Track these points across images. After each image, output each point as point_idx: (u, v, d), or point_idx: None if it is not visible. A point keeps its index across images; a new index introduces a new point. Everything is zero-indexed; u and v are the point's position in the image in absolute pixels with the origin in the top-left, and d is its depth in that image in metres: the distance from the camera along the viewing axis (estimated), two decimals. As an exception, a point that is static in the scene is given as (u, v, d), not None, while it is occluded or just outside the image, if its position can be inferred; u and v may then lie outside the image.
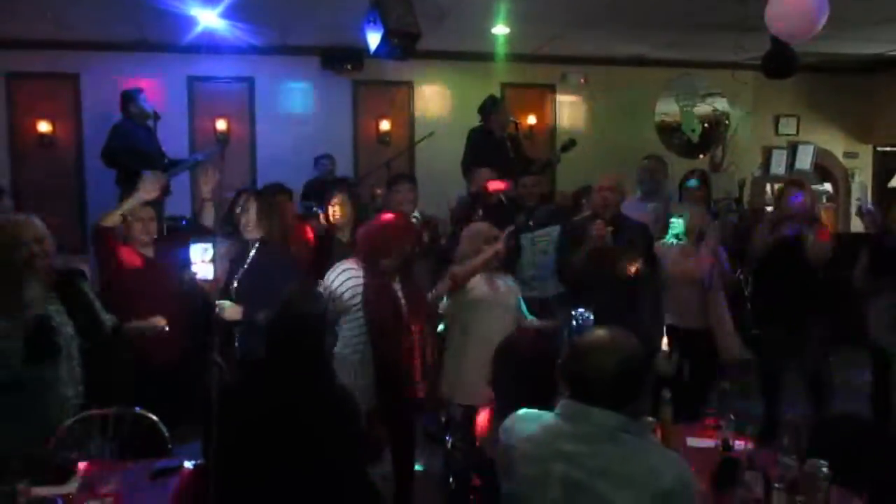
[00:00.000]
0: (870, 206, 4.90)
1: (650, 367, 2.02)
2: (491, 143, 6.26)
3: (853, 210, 8.29)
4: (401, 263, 3.58)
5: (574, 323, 3.43)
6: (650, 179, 5.37)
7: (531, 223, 4.97)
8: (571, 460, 1.91)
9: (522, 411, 2.13)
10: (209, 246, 3.45)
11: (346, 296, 3.53)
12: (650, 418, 2.85)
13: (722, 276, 4.55)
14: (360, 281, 3.54)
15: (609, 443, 1.90)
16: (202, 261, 3.48)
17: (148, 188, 3.94)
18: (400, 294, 3.56)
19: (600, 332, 2.03)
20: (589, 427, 1.93)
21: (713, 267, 4.45)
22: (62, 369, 3.00)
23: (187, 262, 3.45)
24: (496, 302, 3.80)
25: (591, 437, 1.92)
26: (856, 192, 8.92)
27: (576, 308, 3.48)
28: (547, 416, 2.04)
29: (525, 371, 2.54)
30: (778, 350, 4.70)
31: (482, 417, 2.74)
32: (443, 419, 3.92)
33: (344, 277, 3.56)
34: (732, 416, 2.97)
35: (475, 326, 3.72)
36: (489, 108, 6.50)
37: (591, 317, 3.41)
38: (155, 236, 4.08)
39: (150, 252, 4.01)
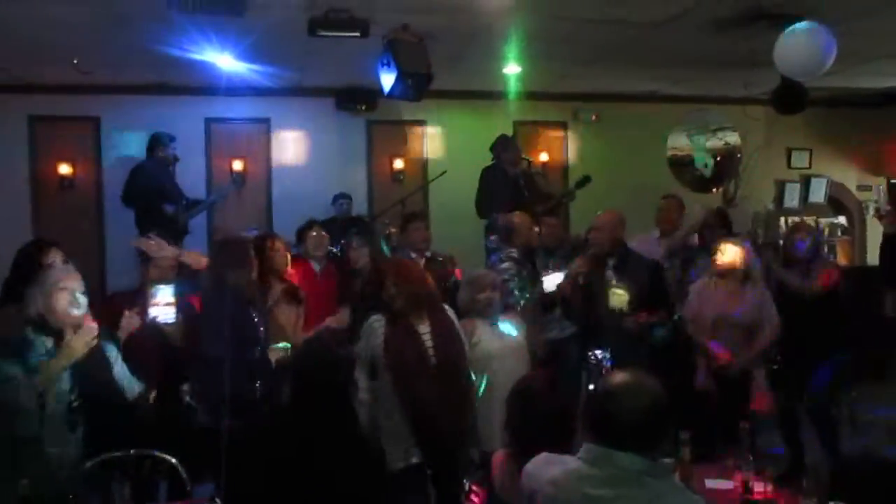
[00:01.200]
0: (887, 206, 4.89)
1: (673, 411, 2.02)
2: (504, 180, 6.32)
3: (871, 213, 8.28)
4: (412, 305, 3.53)
5: (589, 364, 3.41)
6: (664, 219, 5.43)
7: (550, 265, 5.01)
8: None
9: (543, 455, 2.13)
10: (170, 288, 3.45)
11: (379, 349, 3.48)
12: (668, 459, 2.83)
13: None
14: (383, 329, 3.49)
15: (633, 486, 1.90)
16: (164, 303, 3.46)
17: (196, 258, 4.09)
18: (428, 337, 3.50)
19: (626, 376, 2.03)
20: (613, 470, 1.92)
21: (760, 308, 4.35)
22: (47, 427, 2.94)
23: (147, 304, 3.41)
24: (505, 353, 3.83)
25: (615, 481, 1.92)
26: (870, 222, 8.88)
27: (592, 349, 3.47)
28: (569, 460, 2.04)
29: (539, 414, 2.55)
30: (793, 387, 4.65)
31: (497, 461, 2.74)
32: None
33: (371, 331, 3.52)
34: (752, 457, 2.94)
35: (488, 376, 3.73)
36: (501, 146, 6.58)
37: (608, 356, 3.39)
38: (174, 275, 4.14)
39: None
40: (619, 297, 4.25)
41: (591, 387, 2.88)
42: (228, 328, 3.46)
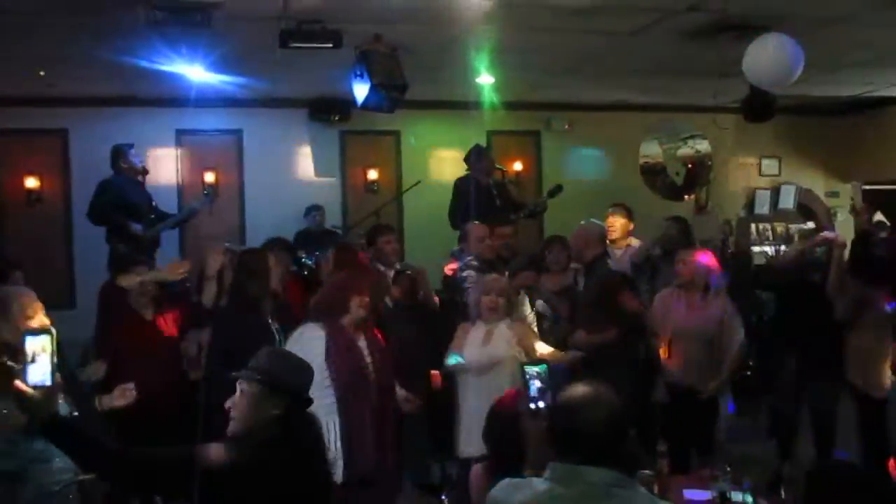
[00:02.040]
0: (862, 204, 4.94)
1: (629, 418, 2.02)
2: (477, 190, 6.32)
3: (847, 211, 8.40)
4: (363, 319, 3.51)
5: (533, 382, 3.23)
6: (663, 241, 5.44)
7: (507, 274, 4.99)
8: None
9: (507, 480, 2.11)
10: (45, 338, 2.29)
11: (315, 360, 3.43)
12: (647, 471, 2.83)
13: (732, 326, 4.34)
14: (323, 342, 3.40)
15: (604, 500, 1.89)
16: (37, 356, 2.29)
17: (172, 271, 4.10)
18: (366, 351, 3.47)
19: (581, 389, 2.02)
20: (583, 487, 1.91)
21: (721, 321, 4.27)
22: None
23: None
24: (490, 362, 3.82)
25: (586, 497, 1.90)
26: (839, 227, 9.02)
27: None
28: (536, 482, 2.02)
29: (507, 430, 2.54)
30: (793, 392, 4.68)
31: (475, 473, 2.72)
32: (438, 473, 3.89)
33: (307, 341, 3.42)
34: (728, 467, 2.95)
35: (473, 382, 3.73)
36: (474, 156, 6.59)
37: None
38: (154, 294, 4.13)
39: (149, 313, 4.09)
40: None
41: (532, 406, 2.78)
42: (247, 341, 3.36)
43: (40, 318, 2.95)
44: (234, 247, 4.72)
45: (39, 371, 2.29)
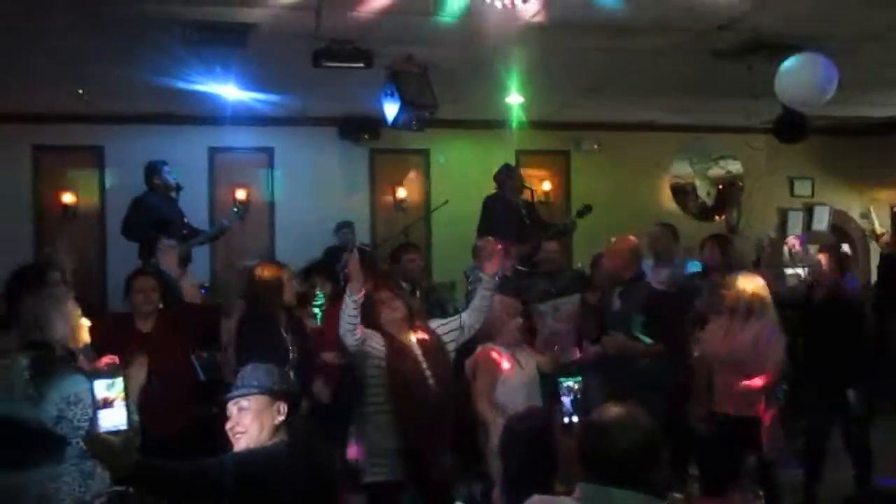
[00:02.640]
0: (881, 228, 4.85)
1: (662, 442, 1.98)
2: (506, 209, 6.33)
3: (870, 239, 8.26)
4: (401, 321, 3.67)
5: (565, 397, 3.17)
6: (654, 247, 5.40)
7: (554, 290, 4.97)
8: None
9: (537, 498, 2.08)
10: (117, 381, 2.16)
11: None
12: (677, 494, 2.78)
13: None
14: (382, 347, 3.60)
15: None
16: (108, 401, 2.15)
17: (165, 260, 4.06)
18: (419, 353, 3.60)
19: (617, 410, 1.99)
20: None
21: (756, 343, 4.05)
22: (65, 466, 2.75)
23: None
24: (520, 382, 3.81)
25: None
26: (873, 250, 8.86)
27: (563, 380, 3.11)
28: (566, 501, 2.00)
29: (526, 449, 2.51)
30: (824, 415, 4.60)
31: (496, 495, 2.70)
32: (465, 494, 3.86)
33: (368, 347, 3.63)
34: (761, 493, 2.90)
35: (500, 402, 3.70)
36: (504, 175, 6.60)
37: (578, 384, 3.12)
38: (159, 305, 4.12)
39: (149, 325, 4.05)
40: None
41: (566, 420, 2.77)
42: (259, 352, 3.42)
43: (81, 327, 2.94)
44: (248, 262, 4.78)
45: (113, 416, 2.14)
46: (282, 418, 2.42)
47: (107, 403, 2.12)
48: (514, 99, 6.70)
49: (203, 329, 4.37)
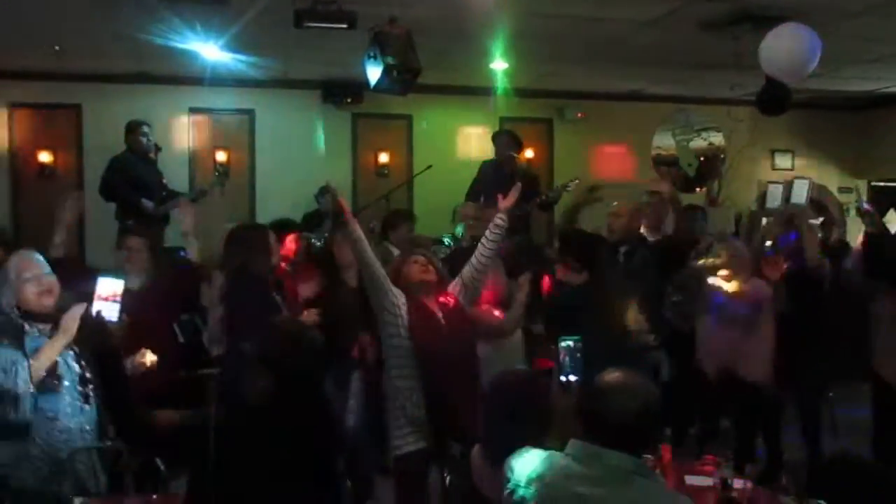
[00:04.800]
0: (867, 205, 4.87)
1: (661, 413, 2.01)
2: (498, 174, 6.34)
3: (851, 214, 8.35)
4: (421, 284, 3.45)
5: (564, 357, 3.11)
6: (653, 217, 5.43)
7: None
8: (585, 503, 1.90)
9: (526, 450, 2.12)
10: (119, 282, 2.98)
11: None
12: (648, 456, 2.83)
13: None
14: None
15: (622, 485, 1.90)
16: (109, 298, 2.99)
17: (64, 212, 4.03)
18: (440, 314, 3.40)
19: (619, 375, 2.02)
20: (602, 469, 1.92)
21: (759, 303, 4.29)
22: (64, 402, 2.87)
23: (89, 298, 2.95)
24: (499, 359, 3.75)
25: (604, 480, 1.91)
26: (851, 224, 8.97)
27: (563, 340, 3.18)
28: (556, 457, 2.03)
29: (515, 410, 2.54)
30: (779, 385, 4.68)
31: (476, 452, 2.73)
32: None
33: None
34: (732, 455, 2.96)
35: (487, 360, 3.70)
36: (494, 141, 6.61)
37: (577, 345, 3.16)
38: (146, 265, 4.11)
39: (137, 283, 3.99)
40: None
41: (563, 379, 2.83)
42: (255, 316, 3.46)
43: (38, 275, 2.94)
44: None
45: (109, 309, 2.83)
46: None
47: (106, 298, 2.82)
48: (499, 66, 6.66)
49: (185, 292, 4.37)
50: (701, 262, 4.49)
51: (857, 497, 2.28)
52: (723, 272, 4.39)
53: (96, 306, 2.87)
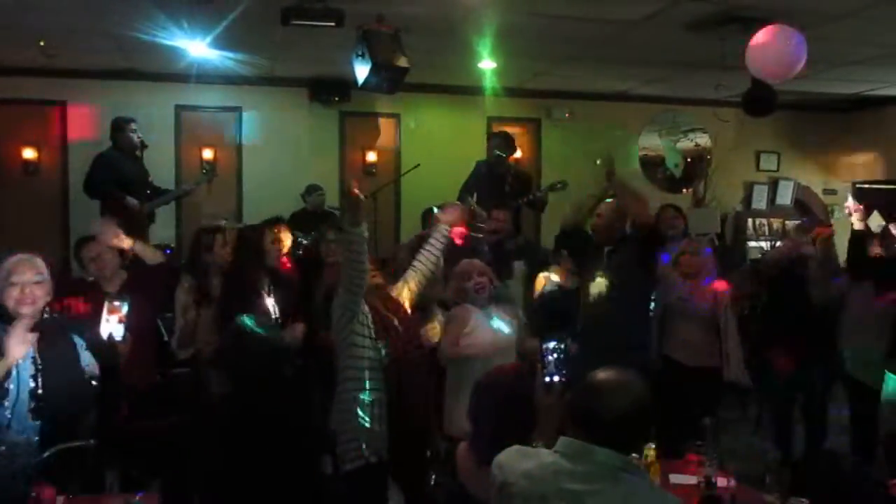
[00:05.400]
0: (855, 204, 4.93)
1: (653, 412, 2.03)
2: (490, 174, 6.36)
3: (837, 214, 8.43)
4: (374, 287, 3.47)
5: (549, 357, 3.14)
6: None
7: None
8: (574, 499, 1.90)
9: (515, 447, 2.12)
10: (125, 304, 3.19)
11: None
12: (635, 455, 2.84)
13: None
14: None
15: (610, 482, 1.90)
16: (116, 319, 3.20)
17: (105, 238, 3.91)
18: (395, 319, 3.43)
19: (612, 373, 2.02)
20: (591, 466, 1.92)
21: (723, 299, 4.47)
22: (12, 415, 2.84)
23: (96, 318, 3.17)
24: (494, 349, 3.75)
25: (592, 477, 1.91)
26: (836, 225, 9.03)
27: (548, 340, 3.24)
28: (544, 454, 2.03)
29: (503, 407, 2.54)
30: (789, 384, 4.74)
31: (462, 451, 2.73)
32: (427, 454, 3.89)
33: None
34: (715, 454, 2.97)
35: (472, 364, 3.70)
36: (489, 141, 6.64)
37: (564, 346, 3.20)
38: (118, 265, 4.05)
39: (114, 285, 3.96)
40: (597, 284, 4.22)
41: (547, 379, 2.84)
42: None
43: (25, 282, 2.92)
44: (230, 224, 4.75)
45: (115, 328, 3.13)
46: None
47: (113, 315, 3.13)
48: (487, 65, 6.67)
49: (166, 290, 4.33)
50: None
51: (839, 494, 2.31)
52: (685, 270, 4.55)
53: (105, 328, 3.20)
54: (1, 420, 2.81)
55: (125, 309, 3.19)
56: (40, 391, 2.90)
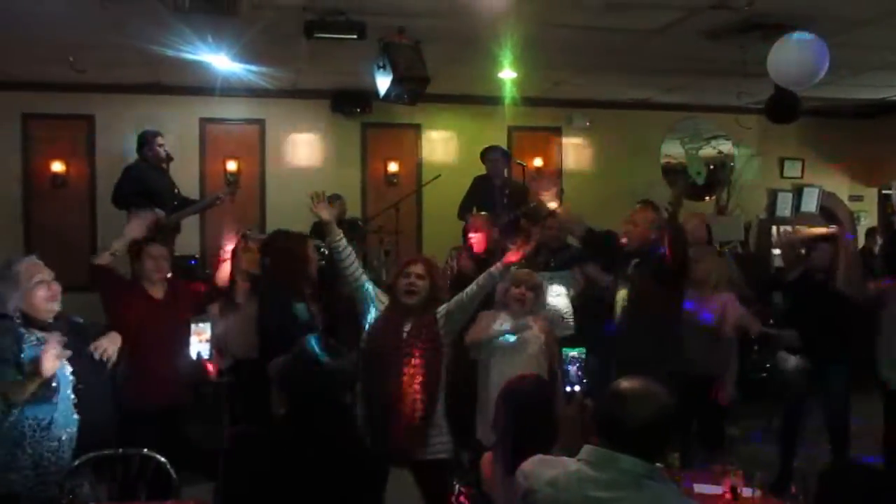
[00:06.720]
0: None
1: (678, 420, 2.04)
2: (487, 189, 6.36)
3: (864, 220, 8.34)
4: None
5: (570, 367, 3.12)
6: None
7: (552, 264, 5.00)
8: None
9: (539, 456, 2.14)
10: (207, 325, 3.63)
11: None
12: (658, 464, 2.83)
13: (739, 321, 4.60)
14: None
15: (634, 490, 1.91)
16: (203, 340, 3.59)
17: (133, 227, 4.04)
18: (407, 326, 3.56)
19: (636, 381, 2.04)
20: (615, 474, 1.93)
21: (724, 314, 4.50)
22: (57, 411, 2.96)
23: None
24: (518, 356, 3.82)
25: (617, 484, 1.93)
26: (862, 231, 8.94)
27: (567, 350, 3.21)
28: (568, 462, 2.05)
29: (525, 416, 2.55)
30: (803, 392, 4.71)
31: (486, 460, 2.74)
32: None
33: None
34: (737, 463, 2.95)
35: (498, 369, 3.74)
36: (483, 156, 6.66)
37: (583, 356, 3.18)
38: (168, 274, 4.14)
39: (160, 291, 4.04)
40: (621, 295, 4.22)
41: (568, 389, 2.85)
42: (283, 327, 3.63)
43: (48, 279, 3.03)
44: (254, 234, 4.79)
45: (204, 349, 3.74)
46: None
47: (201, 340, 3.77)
48: (507, 75, 6.69)
49: (199, 302, 4.38)
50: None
51: (866, 505, 2.28)
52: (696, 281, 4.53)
53: (195, 348, 3.67)
54: (49, 416, 2.91)
55: (207, 330, 3.69)
56: (80, 386, 3.02)
